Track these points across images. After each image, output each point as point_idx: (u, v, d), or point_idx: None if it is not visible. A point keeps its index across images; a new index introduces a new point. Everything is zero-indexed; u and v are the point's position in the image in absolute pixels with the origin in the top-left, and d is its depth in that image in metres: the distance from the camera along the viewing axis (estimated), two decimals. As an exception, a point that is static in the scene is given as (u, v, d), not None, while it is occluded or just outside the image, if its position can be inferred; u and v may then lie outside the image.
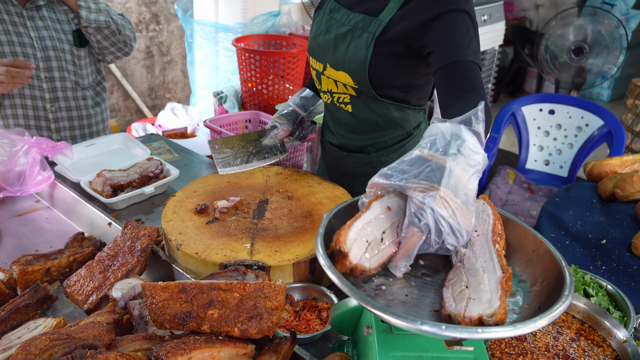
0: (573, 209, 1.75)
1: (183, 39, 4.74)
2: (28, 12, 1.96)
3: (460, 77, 1.22)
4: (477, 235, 0.86)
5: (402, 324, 0.68)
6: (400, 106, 1.52)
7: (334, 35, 1.49)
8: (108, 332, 0.99)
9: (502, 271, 0.77)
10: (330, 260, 0.79)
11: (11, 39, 1.94)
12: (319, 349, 1.17)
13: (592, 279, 1.18)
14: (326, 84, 1.58)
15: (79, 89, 2.16)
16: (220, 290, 0.97)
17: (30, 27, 1.97)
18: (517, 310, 0.79)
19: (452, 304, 0.76)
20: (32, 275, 1.28)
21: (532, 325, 0.68)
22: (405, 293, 0.82)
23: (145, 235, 1.33)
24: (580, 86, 3.89)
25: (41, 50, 1.99)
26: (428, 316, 0.78)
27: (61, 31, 2.05)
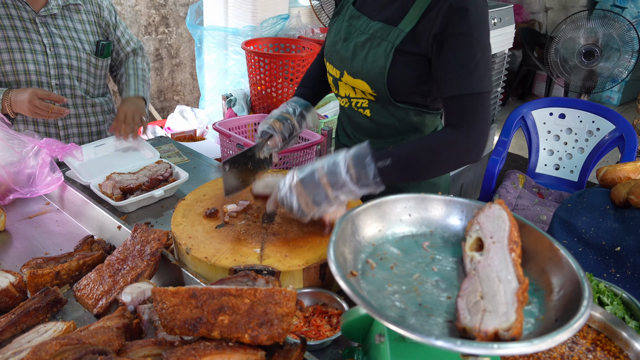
0: (586, 215, 1.73)
1: (192, 41, 4.76)
2: (41, 18, 1.96)
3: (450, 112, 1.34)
4: (493, 242, 0.85)
5: (417, 338, 0.67)
6: (419, 111, 1.51)
7: (353, 44, 1.48)
8: (118, 337, 0.98)
9: (518, 281, 0.76)
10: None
11: (22, 45, 1.94)
12: (328, 356, 1.16)
13: (607, 287, 1.16)
14: (344, 90, 1.58)
15: (89, 97, 2.16)
16: (230, 296, 0.96)
17: (44, 33, 1.97)
18: (532, 322, 0.78)
19: (467, 316, 0.74)
20: (42, 278, 1.28)
21: (550, 341, 0.66)
22: (418, 302, 0.81)
23: (155, 239, 1.33)
24: (590, 90, 3.86)
25: (53, 57, 1.99)
26: (442, 327, 0.76)
27: (78, 40, 2.05)
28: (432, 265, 0.89)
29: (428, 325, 0.76)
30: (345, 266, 0.83)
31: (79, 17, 2.06)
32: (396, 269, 0.88)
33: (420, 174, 1.35)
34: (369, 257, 0.90)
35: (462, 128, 1.30)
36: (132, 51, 2.31)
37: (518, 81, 6.30)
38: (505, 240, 0.84)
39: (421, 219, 0.99)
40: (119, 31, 2.23)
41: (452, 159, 1.33)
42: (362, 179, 1.22)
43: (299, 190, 1.25)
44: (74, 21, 2.05)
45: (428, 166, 1.32)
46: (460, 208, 0.99)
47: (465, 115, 1.31)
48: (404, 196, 0.99)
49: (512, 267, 0.79)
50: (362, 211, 0.94)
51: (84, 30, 2.08)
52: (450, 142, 1.31)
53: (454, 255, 0.93)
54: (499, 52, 3.33)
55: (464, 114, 1.31)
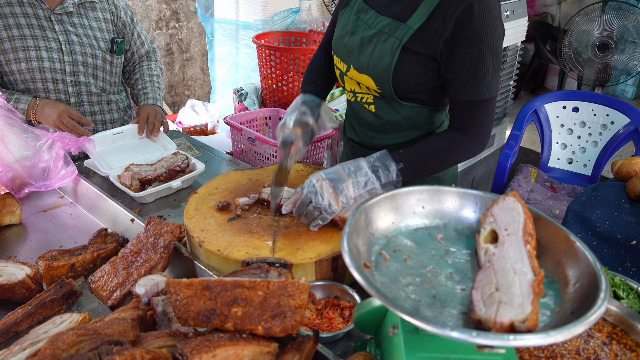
0: (601, 208, 1.71)
1: (202, 36, 4.77)
2: (57, 16, 1.98)
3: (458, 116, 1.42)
4: (507, 234, 0.84)
5: (432, 329, 0.66)
6: (424, 108, 1.49)
7: (359, 38, 1.47)
8: (133, 328, 0.99)
9: (534, 273, 0.75)
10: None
11: (38, 43, 1.95)
12: (341, 348, 1.16)
13: (622, 281, 1.14)
14: (349, 84, 1.57)
15: (104, 95, 2.17)
16: (244, 288, 0.96)
17: (59, 31, 1.98)
18: (547, 314, 0.77)
19: (482, 308, 0.74)
20: (57, 270, 1.29)
21: (566, 333, 0.65)
22: (432, 294, 0.81)
23: (168, 232, 1.33)
24: (604, 83, 3.81)
25: (69, 54, 2.01)
26: (457, 319, 0.76)
27: (93, 37, 2.06)
28: (446, 258, 0.89)
29: (442, 316, 0.75)
30: (359, 258, 0.83)
31: (95, 15, 2.07)
32: (410, 261, 0.88)
33: (429, 174, 1.48)
34: (382, 249, 0.90)
35: (469, 132, 1.40)
36: (146, 54, 2.34)
37: (530, 75, 6.24)
38: (520, 232, 0.83)
39: (434, 211, 0.98)
40: (135, 32, 2.25)
41: (457, 160, 1.46)
42: (385, 179, 1.34)
43: (327, 187, 1.31)
44: (89, 19, 2.06)
45: (436, 167, 1.46)
46: (474, 200, 0.99)
47: (472, 120, 1.40)
48: (418, 188, 0.98)
49: (527, 259, 0.78)
50: (375, 203, 0.94)
51: (100, 28, 2.09)
52: (458, 146, 1.41)
53: (467, 247, 0.92)
54: (511, 45, 3.30)
55: (471, 119, 1.40)
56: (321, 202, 1.30)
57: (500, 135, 3.69)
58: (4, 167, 1.66)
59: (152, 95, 2.22)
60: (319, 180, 1.32)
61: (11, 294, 1.24)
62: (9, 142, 1.64)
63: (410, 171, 1.37)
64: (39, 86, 1.99)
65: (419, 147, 1.42)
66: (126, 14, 2.20)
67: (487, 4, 1.29)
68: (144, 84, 2.25)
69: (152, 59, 2.35)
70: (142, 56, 2.32)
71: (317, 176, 1.33)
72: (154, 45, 2.38)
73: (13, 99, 1.93)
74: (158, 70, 2.34)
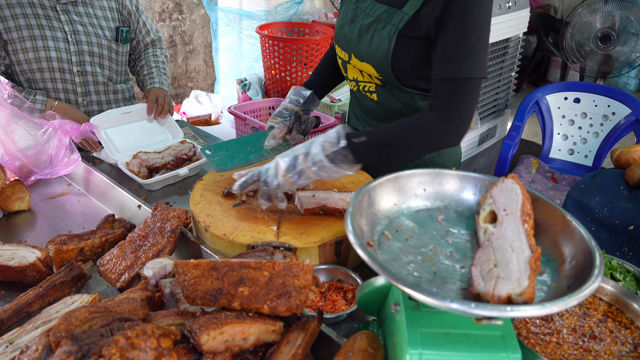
0: (599, 195, 1.73)
1: (205, 27, 4.78)
2: (62, 6, 2.00)
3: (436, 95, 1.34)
4: (506, 214, 0.87)
5: (433, 301, 0.69)
6: (425, 95, 1.51)
7: (358, 26, 1.49)
8: (142, 307, 1.02)
9: (531, 251, 0.78)
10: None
11: (44, 33, 1.98)
12: (344, 329, 1.19)
13: (619, 264, 1.17)
14: (352, 73, 1.59)
15: (111, 84, 2.20)
16: (250, 269, 0.99)
17: (65, 21, 2.01)
18: (544, 290, 0.80)
19: (480, 283, 0.77)
20: (66, 254, 1.33)
21: (561, 305, 0.68)
22: (433, 271, 0.84)
23: (174, 216, 1.36)
24: (606, 75, 3.81)
25: (75, 44, 2.03)
26: (456, 294, 0.79)
27: (98, 27, 2.08)
28: (447, 238, 0.91)
29: (443, 291, 0.78)
30: (362, 237, 0.85)
31: (100, 3, 2.09)
32: (411, 240, 0.90)
33: (396, 154, 1.38)
34: (385, 229, 0.93)
35: (443, 111, 1.31)
36: (152, 42, 2.35)
37: (532, 67, 6.24)
38: (518, 213, 0.86)
39: (436, 193, 1.01)
40: (140, 21, 2.26)
41: (428, 142, 1.35)
42: (330, 148, 1.30)
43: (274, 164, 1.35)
44: (94, 8, 2.07)
45: (403, 147, 1.35)
46: (474, 183, 1.01)
47: (449, 98, 1.31)
48: (419, 171, 1.01)
49: (524, 237, 0.81)
50: (378, 185, 0.97)
51: (105, 17, 2.11)
52: (429, 125, 1.32)
53: (467, 228, 0.95)
54: (512, 36, 3.30)
55: (448, 97, 1.31)
56: (266, 176, 1.34)
57: (502, 127, 3.70)
58: (10, 157, 1.69)
59: (159, 79, 2.25)
60: (274, 160, 1.36)
61: (22, 276, 1.27)
62: (12, 131, 1.67)
63: (371, 145, 1.30)
64: (46, 76, 2.01)
65: (389, 124, 1.37)
66: (131, 2, 2.22)
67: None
68: (149, 70, 2.27)
69: (158, 47, 2.38)
70: (148, 45, 2.34)
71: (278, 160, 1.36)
72: (160, 34, 2.40)
73: (30, 99, 1.97)
74: (163, 58, 2.37)
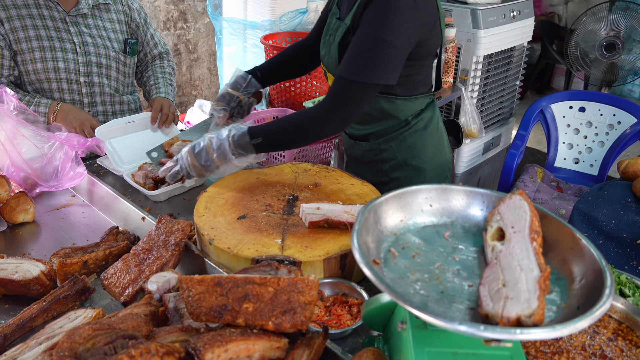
0: (607, 207, 1.72)
1: (210, 36, 4.80)
2: (72, 18, 2.01)
3: (328, 91, 1.46)
4: (514, 232, 0.86)
5: (441, 323, 0.68)
6: (386, 97, 1.58)
7: (325, 41, 1.61)
8: (146, 323, 1.01)
9: (540, 270, 0.77)
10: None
11: (53, 44, 1.99)
12: (349, 344, 1.17)
13: (628, 279, 1.16)
14: (331, 82, 1.67)
15: (118, 95, 2.20)
16: (255, 285, 0.98)
17: (74, 32, 2.02)
18: (554, 309, 0.79)
19: (489, 303, 0.75)
20: (70, 267, 1.32)
21: (572, 327, 0.67)
22: (440, 290, 0.83)
23: (178, 229, 1.36)
24: (611, 83, 3.80)
25: (83, 55, 2.04)
26: (464, 314, 0.78)
27: (107, 38, 2.10)
28: (454, 255, 0.90)
29: (450, 311, 0.77)
30: (368, 254, 0.84)
31: (109, 16, 2.11)
32: (418, 257, 0.89)
33: (287, 146, 1.60)
34: (391, 246, 0.92)
35: (325, 106, 1.44)
36: (159, 55, 2.36)
37: (536, 75, 6.23)
38: (527, 230, 0.85)
39: (442, 209, 1.00)
40: (148, 33, 2.28)
41: (311, 134, 1.49)
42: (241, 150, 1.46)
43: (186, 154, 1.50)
44: (103, 20, 2.09)
45: (292, 140, 1.52)
46: (481, 199, 1.00)
47: (333, 94, 1.43)
48: (426, 187, 1.00)
49: (533, 255, 0.80)
50: (384, 201, 0.96)
51: (113, 29, 2.12)
52: (311, 120, 1.46)
53: (474, 245, 0.94)
54: (517, 45, 3.30)
55: (332, 94, 1.43)
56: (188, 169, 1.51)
57: (507, 135, 3.69)
58: (16, 168, 1.69)
59: (165, 89, 2.25)
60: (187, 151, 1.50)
61: (26, 290, 1.26)
62: (18, 144, 1.67)
63: (266, 144, 1.46)
64: (53, 86, 2.02)
65: (281, 119, 1.51)
66: (140, 15, 2.23)
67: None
68: (156, 80, 2.28)
69: (165, 59, 2.38)
70: (155, 57, 2.36)
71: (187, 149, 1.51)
72: (167, 47, 2.41)
73: (34, 102, 1.97)
74: (170, 70, 2.38)
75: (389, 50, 1.37)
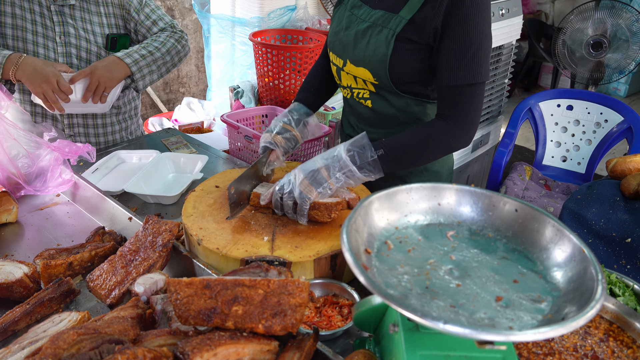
0: (596, 206, 1.72)
1: (197, 33, 4.75)
2: (58, 7, 1.97)
3: (443, 103, 1.39)
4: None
5: (428, 323, 0.67)
6: (419, 101, 1.51)
7: (354, 32, 1.49)
8: (133, 327, 0.99)
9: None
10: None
11: (36, 29, 1.95)
12: (340, 346, 1.16)
13: (618, 279, 1.16)
14: (346, 80, 1.58)
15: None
16: (244, 287, 0.97)
17: (57, 22, 1.97)
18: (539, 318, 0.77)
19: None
20: (55, 269, 1.29)
21: (567, 327, 0.66)
22: (426, 285, 0.82)
23: (166, 230, 1.33)
24: (598, 81, 3.83)
25: (63, 46, 1.99)
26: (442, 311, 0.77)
27: (91, 32, 2.03)
28: (451, 254, 0.89)
29: (429, 307, 0.76)
30: (358, 242, 0.84)
31: (97, 9, 2.04)
32: (413, 252, 0.89)
33: (411, 164, 1.45)
34: (388, 238, 0.91)
35: (452, 119, 1.37)
36: (161, 30, 2.14)
37: (524, 73, 6.27)
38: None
39: (451, 209, 0.98)
40: (142, 14, 2.09)
41: (441, 149, 1.42)
42: (360, 160, 1.32)
43: (300, 177, 1.33)
44: (91, 13, 2.03)
45: (418, 157, 1.42)
46: (492, 201, 0.98)
47: (457, 106, 1.37)
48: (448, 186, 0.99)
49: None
50: (373, 200, 0.94)
51: (100, 23, 2.05)
52: (441, 135, 1.38)
53: (477, 247, 0.92)
54: (506, 43, 3.31)
55: (456, 105, 1.37)
56: (294, 192, 1.33)
57: (495, 133, 3.70)
58: (1, 170, 1.65)
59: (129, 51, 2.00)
60: (294, 172, 1.36)
61: (9, 292, 1.23)
62: (9, 147, 1.63)
63: (390, 157, 1.34)
64: None
65: (402, 134, 1.40)
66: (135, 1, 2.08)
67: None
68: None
69: (169, 31, 2.13)
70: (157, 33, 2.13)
71: (294, 170, 1.36)
72: (174, 22, 2.17)
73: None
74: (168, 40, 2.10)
75: (489, 43, 1.37)
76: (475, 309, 0.76)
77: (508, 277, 0.84)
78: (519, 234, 0.93)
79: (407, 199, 0.97)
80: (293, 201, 1.34)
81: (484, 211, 0.97)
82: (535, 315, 0.77)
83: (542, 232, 0.89)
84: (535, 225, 0.91)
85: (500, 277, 0.84)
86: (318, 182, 1.32)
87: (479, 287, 0.81)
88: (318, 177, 1.33)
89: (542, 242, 0.89)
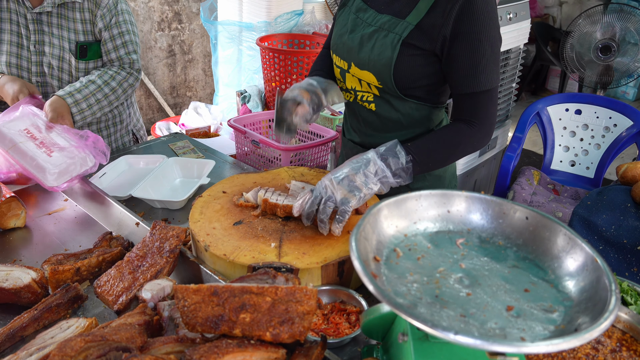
0: (606, 213, 1.71)
1: (204, 37, 4.77)
2: (35, 15, 1.96)
3: (462, 108, 1.44)
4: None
5: (438, 334, 0.66)
6: (424, 105, 1.51)
7: (359, 35, 1.49)
8: (140, 334, 0.99)
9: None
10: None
11: (11, 38, 1.97)
12: (347, 353, 1.16)
13: (630, 287, 1.14)
14: (350, 82, 1.57)
15: None
16: (252, 294, 0.96)
17: (33, 30, 1.97)
18: (551, 329, 0.76)
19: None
20: (62, 274, 1.29)
21: (581, 338, 0.65)
22: (436, 294, 0.81)
23: (173, 236, 1.33)
24: (606, 85, 3.80)
25: (36, 54, 1.99)
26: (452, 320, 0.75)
27: (66, 39, 2.00)
28: (461, 262, 0.88)
29: (438, 316, 0.75)
30: (367, 249, 0.83)
31: (74, 16, 1.99)
32: (422, 260, 0.88)
33: (435, 168, 1.50)
34: (397, 246, 0.90)
35: (474, 123, 1.41)
36: (118, 59, 2.06)
37: (531, 76, 6.24)
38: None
39: (461, 216, 0.97)
40: (108, 33, 2.02)
41: (465, 151, 1.46)
42: (395, 166, 1.34)
43: (337, 185, 1.31)
44: (68, 20, 1.99)
45: (445, 159, 1.48)
46: (503, 209, 0.97)
47: (477, 111, 1.41)
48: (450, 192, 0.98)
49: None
50: (382, 207, 0.94)
51: (75, 30, 2.00)
52: (466, 137, 1.42)
53: (487, 255, 0.91)
54: (514, 47, 3.30)
55: (475, 110, 1.41)
56: (335, 198, 1.30)
57: (503, 138, 3.68)
58: (5, 174, 1.66)
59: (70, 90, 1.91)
60: (330, 179, 1.33)
61: (17, 298, 1.23)
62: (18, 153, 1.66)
63: (418, 162, 1.37)
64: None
65: (426, 138, 1.42)
66: (110, 12, 2.01)
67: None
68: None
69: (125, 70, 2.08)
70: (113, 61, 2.08)
71: (327, 177, 1.34)
72: (135, 57, 2.10)
73: None
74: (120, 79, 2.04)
75: (499, 47, 1.39)
76: (486, 318, 0.75)
77: (519, 286, 0.83)
78: (529, 242, 0.91)
79: (417, 206, 0.96)
80: (332, 208, 1.31)
81: (494, 219, 0.96)
82: (547, 326, 0.76)
83: (553, 241, 0.88)
84: (546, 233, 0.89)
85: (511, 286, 0.83)
86: (356, 187, 1.31)
87: (490, 296, 0.80)
88: (354, 184, 1.31)
89: (554, 250, 0.88)
